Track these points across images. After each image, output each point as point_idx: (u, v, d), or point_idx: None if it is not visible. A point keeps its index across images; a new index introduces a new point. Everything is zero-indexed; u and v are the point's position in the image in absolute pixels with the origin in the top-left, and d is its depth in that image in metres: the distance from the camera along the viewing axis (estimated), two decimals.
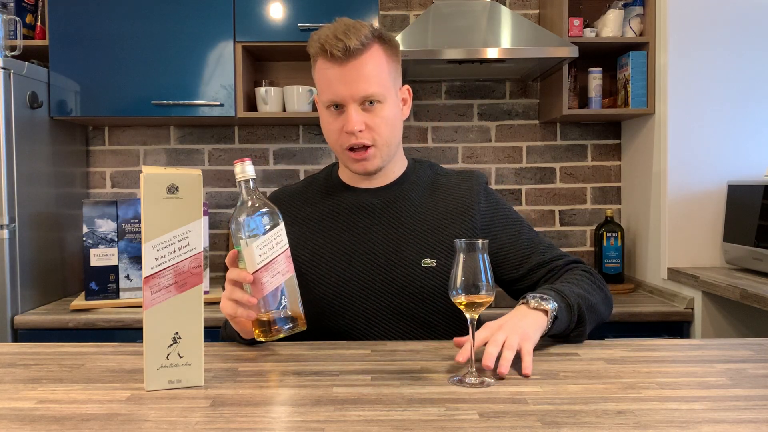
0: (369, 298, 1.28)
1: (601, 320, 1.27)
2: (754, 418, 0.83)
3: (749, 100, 2.27)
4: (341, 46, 1.20)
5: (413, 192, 1.35)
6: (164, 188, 0.94)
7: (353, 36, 1.21)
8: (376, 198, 1.33)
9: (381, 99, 1.24)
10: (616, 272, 2.52)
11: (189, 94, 2.38)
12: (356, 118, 1.23)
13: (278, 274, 1.07)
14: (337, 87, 1.23)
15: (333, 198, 1.36)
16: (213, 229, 2.75)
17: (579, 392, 0.93)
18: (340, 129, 1.25)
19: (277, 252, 1.07)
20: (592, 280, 1.29)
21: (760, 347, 1.18)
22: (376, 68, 1.23)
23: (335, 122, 1.26)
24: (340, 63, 1.21)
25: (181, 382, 0.96)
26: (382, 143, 1.27)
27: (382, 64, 1.25)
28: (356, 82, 1.22)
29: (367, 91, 1.22)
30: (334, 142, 1.28)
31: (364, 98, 1.23)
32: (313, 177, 1.44)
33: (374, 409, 0.87)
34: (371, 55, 1.23)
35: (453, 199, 1.35)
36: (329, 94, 1.24)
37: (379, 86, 1.24)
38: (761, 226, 2.04)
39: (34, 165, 2.27)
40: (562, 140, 2.76)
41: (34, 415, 0.86)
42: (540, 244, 1.36)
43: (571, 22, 2.42)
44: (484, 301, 0.98)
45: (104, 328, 2.10)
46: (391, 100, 1.27)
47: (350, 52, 1.21)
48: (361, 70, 1.22)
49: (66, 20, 2.37)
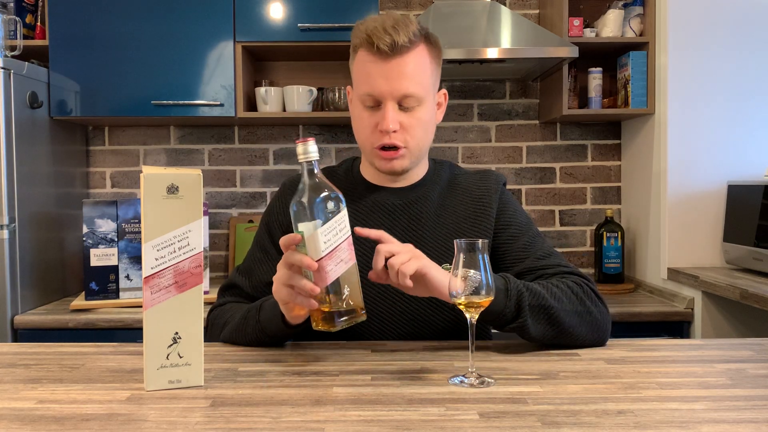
0: (386, 300, 1.26)
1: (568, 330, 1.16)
2: (754, 418, 0.83)
3: (749, 100, 2.27)
4: (389, 40, 1.17)
5: (433, 192, 1.33)
6: (164, 188, 0.94)
7: (402, 32, 1.17)
8: (397, 198, 1.31)
9: (419, 100, 1.22)
10: (616, 272, 2.52)
11: (189, 94, 2.39)
12: (393, 117, 1.20)
13: (341, 262, 1.02)
14: (378, 81, 1.20)
15: (353, 194, 1.33)
16: (213, 229, 2.75)
17: (579, 392, 0.93)
18: (374, 126, 1.22)
19: (341, 239, 1.02)
20: (574, 291, 1.19)
21: (760, 347, 1.18)
22: (419, 68, 1.21)
23: (369, 118, 1.23)
24: (385, 58, 1.18)
25: (181, 382, 0.96)
26: (414, 146, 1.24)
27: (426, 64, 1.22)
28: (398, 79, 1.19)
29: (408, 90, 1.19)
30: (364, 138, 1.25)
31: (404, 97, 1.20)
32: (332, 169, 1.40)
33: (374, 409, 0.87)
34: (416, 53, 1.20)
35: (471, 201, 1.33)
36: (367, 87, 1.21)
37: (420, 87, 1.21)
38: (761, 226, 2.04)
39: (34, 165, 2.27)
40: (562, 140, 2.76)
41: (34, 415, 0.86)
42: (539, 250, 1.29)
43: (571, 22, 2.42)
44: (483, 301, 0.98)
45: (104, 328, 2.10)
46: (428, 103, 1.24)
47: (397, 48, 1.17)
48: (404, 67, 1.19)
49: (66, 20, 2.37)
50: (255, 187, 2.76)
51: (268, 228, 1.34)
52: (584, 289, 1.21)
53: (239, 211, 2.76)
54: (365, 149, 1.28)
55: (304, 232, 1.01)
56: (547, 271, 1.26)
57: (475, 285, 0.97)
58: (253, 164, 2.75)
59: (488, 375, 1.01)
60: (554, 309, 1.14)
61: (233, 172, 2.75)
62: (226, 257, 2.75)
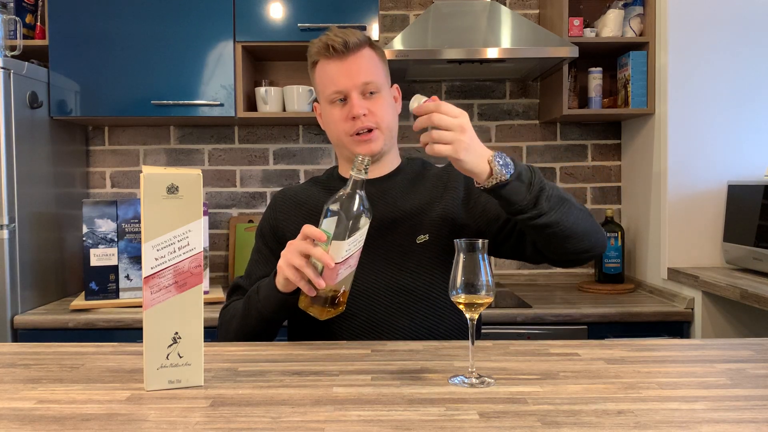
0: (370, 276, 1.35)
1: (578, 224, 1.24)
2: (754, 418, 0.83)
3: (749, 100, 2.27)
4: (341, 41, 1.34)
5: (405, 182, 1.46)
6: (164, 188, 0.94)
7: (350, 35, 1.36)
8: (372, 187, 1.39)
9: (379, 88, 1.37)
10: (616, 272, 2.52)
11: (189, 94, 2.38)
12: (360, 103, 1.34)
13: (349, 267, 1.15)
14: (340, 79, 1.35)
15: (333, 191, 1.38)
16: (213, 229, 2.75)
17: (579, 392, 0.93)
18: (346, 116, 1.36)
19: (357, 249, 1.14)
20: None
21: (760, 347, 1.18)
22: (372, 61, 1.38)
23: (340, 112, 1.37)
24: (341, 57, 1.35)
25: (181, 382, 0.96)
26: (385, 126, 1.37)
27: (376, 61, 1.40)
28: (357, 72, 1.35)
29: (367, 78, 1.35)
30: (340, 131, 1.38)
31: (365, 85, 1.35)
32: (316, 178, 1.55)
33: (374, 409, 0.87)
34: (366, 51, 1.38)
35: (440, 181, 1.46)
36: (333, 86, 1.36)
37: (377, 77, 1.37)
38: (761, 226, 2.04)
39: (34, 165, 2.27)
40: (562, 140, 2.76)
41: (34, 415, 0.86)
42: None
43: (571, 22, 2.42)
44: (483, 301, 0.98)
45: (104, 328, 2.10)
46: (386, 92, 1.40)
47: (349, 46, 1.35)
48: (360, 61, 1.36)
49: (66, 20, 2.37)
50: (255, 187, 2.76)
51: (263, 237, 1.48)
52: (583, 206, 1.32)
53: (239, 211, 2.76)
54: (342, 141, 1.39)
55: (332, 235, 1.11)
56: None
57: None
58: (253, 164, 2.75)
59: (488, 375, 1.01)
60: (570, 201, 1.24)
61: (233, 172, 2.75)
62: (226, 257, 2.74)
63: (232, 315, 1.36)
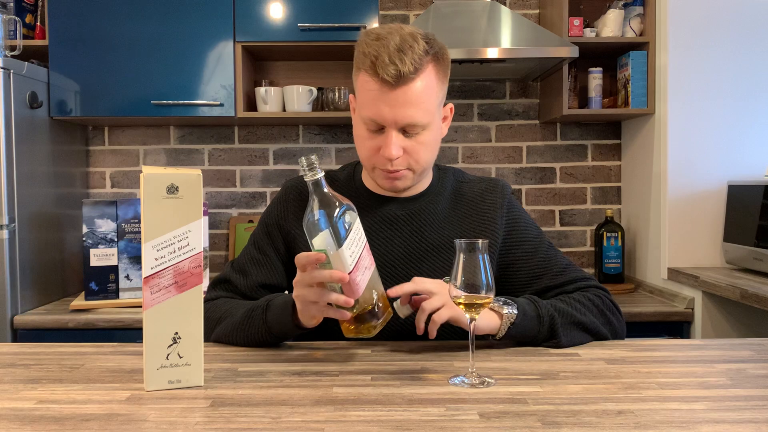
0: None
1: (599, 332, 1.24)
2: (754, 418, 0.83)
3: (749, 100, 2.27)
4: (393, 71, 1.11)
5: (438, 204, 1.32)
6: (164, 188, 0.94)
7: (407, 58, 1.11)
8: (400, 209, 1.30)
9: (426, 125, 1.18)
10: (616, 272, 2.52)
11: (189, 94, 2.38)
12: (396, 144, 1.16)
13: (366, 269, 1.03)
14: (381, 108, 1.15)
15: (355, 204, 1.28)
16: (213, 229, 2.75)
17: (579, 392, 0.93)
18: (376, 149, 1.19)
19: (361, 247, 1.03)
20: (595, 303, 1.25)
21: (760, 347, 1.18)
22: (424, 93, 1.15)
23: (371, 140, 1.19)
24: (390, 87, 1.13)
25: (181, 382, 0.96)
26: (419, 168, 1.22)
27: (432, 87, 1.17)
28: (403, 107, 1.14)
29: (413, 119, 1.15)
30: (366, 158, 1.22)
31: (408, 125, 1.16)
32: (333, 175, 1.37)
33: (374, 409, 0.87)
34: (423, 78, 1.15)
35: (476, 214, 1.32)
36: (370, 112, 1.17)
37: (426, 113, 1.16)
38: (761, 226, 2.04)
39: (34, 165, 2.27)
40: (562, 140, 2.76)
41: (34, 415, 0.86)
42: (554, 266, 1.31)
43: (571, 22, 2.42)
44: (483, 301, 0.98)
45: (104, 328, 2.10)
46: (434, 125, 1.20)
47: (402, 77, 1.12)
48: (410, 96, 1.14)
49: (66, 20, 2.36)
50: (255, 187, 2.76)
51: (268, 230, 1.33)
52: (604, 301, 1.27)
53: (239, 211, 2.76)
54: (366, 165, 1.26)
55: (327, 249, 0.99)
56: (567, 288, 1.30)
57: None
58: (253, 164, 2.75)
59: (488, 375, 1.01)
60: (586, 325, 1.22)
61: (233, 172, 2.75)
62: (225, 257, 2.74)
63: (220, 317, 1.24)
